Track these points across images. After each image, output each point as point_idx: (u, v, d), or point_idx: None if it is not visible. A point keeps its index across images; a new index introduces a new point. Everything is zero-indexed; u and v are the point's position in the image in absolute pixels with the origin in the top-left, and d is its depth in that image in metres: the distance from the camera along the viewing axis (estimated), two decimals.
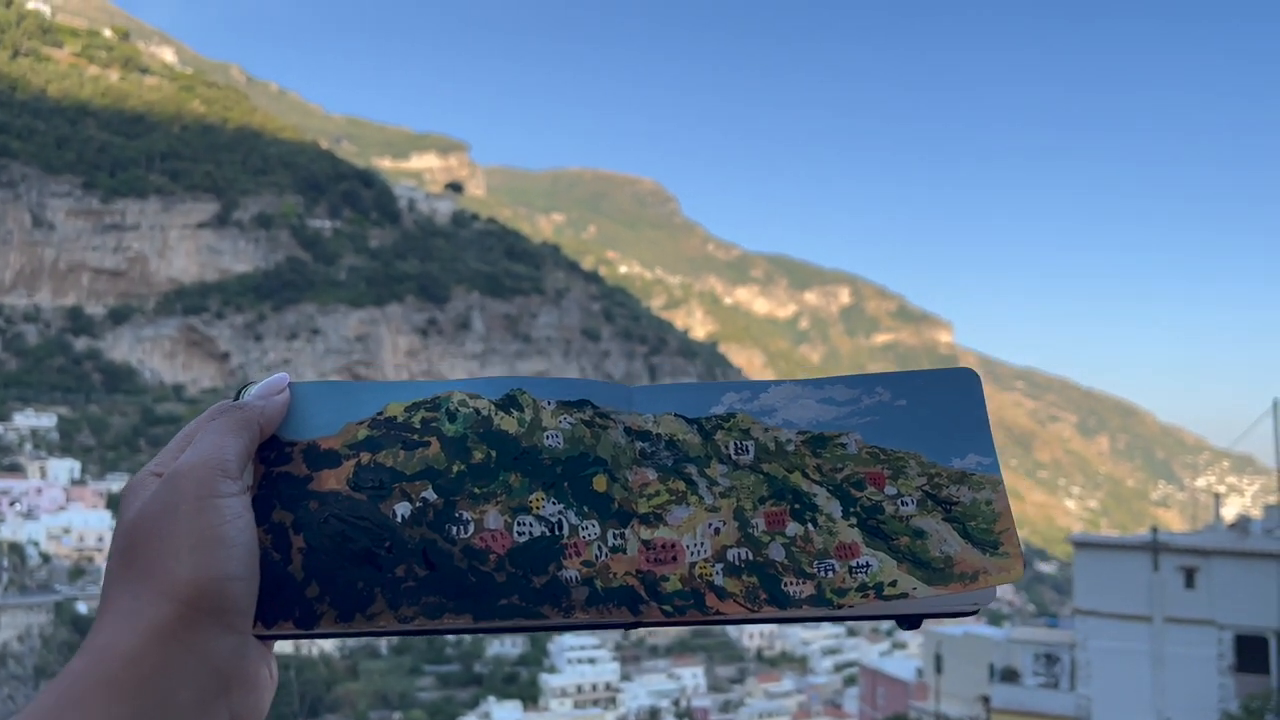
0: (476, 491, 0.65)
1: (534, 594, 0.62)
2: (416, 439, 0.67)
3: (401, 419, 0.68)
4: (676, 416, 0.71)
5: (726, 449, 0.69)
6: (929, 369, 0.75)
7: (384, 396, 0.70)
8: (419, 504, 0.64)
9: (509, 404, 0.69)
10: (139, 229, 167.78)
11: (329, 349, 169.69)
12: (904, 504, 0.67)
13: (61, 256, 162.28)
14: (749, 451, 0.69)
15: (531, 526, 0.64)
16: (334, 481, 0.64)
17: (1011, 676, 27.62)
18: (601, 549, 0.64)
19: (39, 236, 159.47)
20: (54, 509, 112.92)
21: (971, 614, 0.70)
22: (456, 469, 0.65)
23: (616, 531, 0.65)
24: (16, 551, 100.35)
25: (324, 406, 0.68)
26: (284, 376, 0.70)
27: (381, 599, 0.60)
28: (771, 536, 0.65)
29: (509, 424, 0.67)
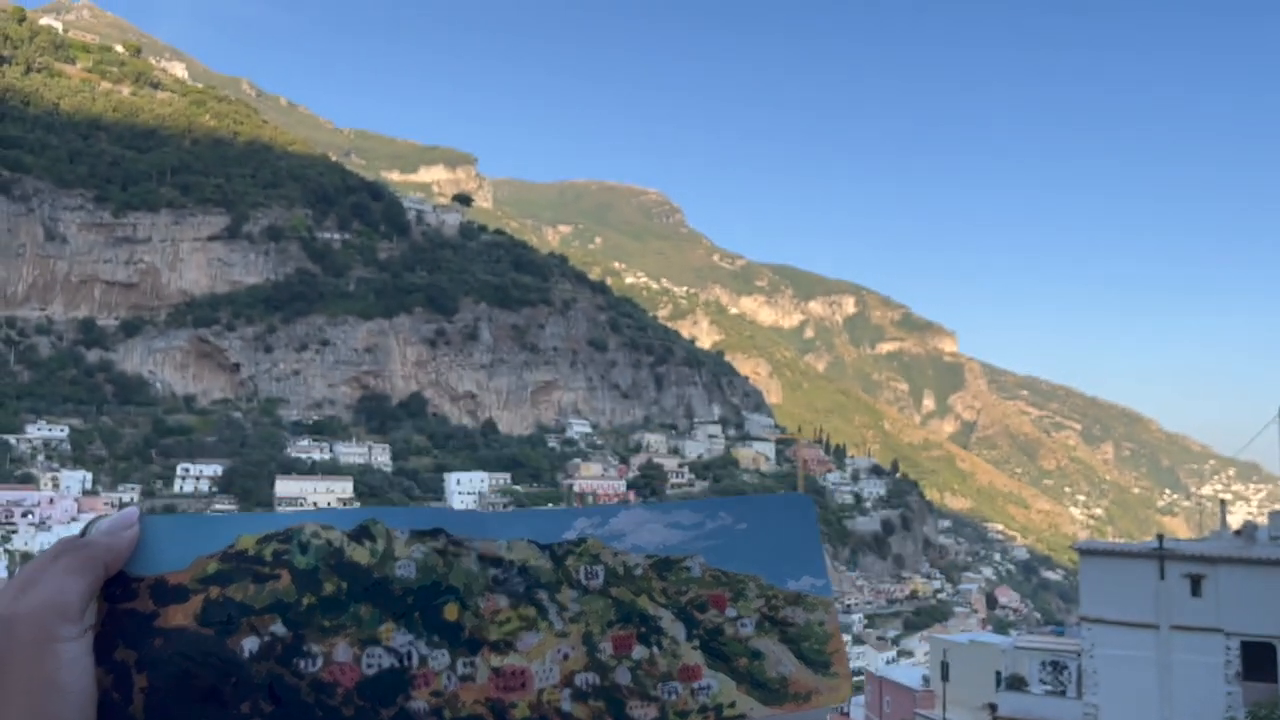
0: (326, 624, 0.65)
1: None
2: (267, 572, 0.67)
3: (253, 552, 0.67)
4: (529, 542, 0.72)
5: (577, 574, 0.71)
6: (767, 495, 0.79)
7: (236, 529, 0.69)
8: (267, 638, 0.63)
9: (361, 535, 0.70)
10: (150, 242, 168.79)
11: (338, 360, 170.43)
12: (743, 626, 0.70)
13: (74, 269, 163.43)
14: (599, 576, 0.71)
15: (381, 658, 0.65)
16: (181, 617, 0.63)
17: (1018, 684, 27.48)
18: (451, 678, 0.65)
19: (52, 250, 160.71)
20: (66, 520, 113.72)
21: None
22: (307, 602, 0.66)
23: (466, 660, 0.66)
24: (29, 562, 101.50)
25: (174, 540, 0.67)
26: (134, 511, 0.69)
27: None
28: (618, 660, 0.68)
29: (361, 555, 0.68)
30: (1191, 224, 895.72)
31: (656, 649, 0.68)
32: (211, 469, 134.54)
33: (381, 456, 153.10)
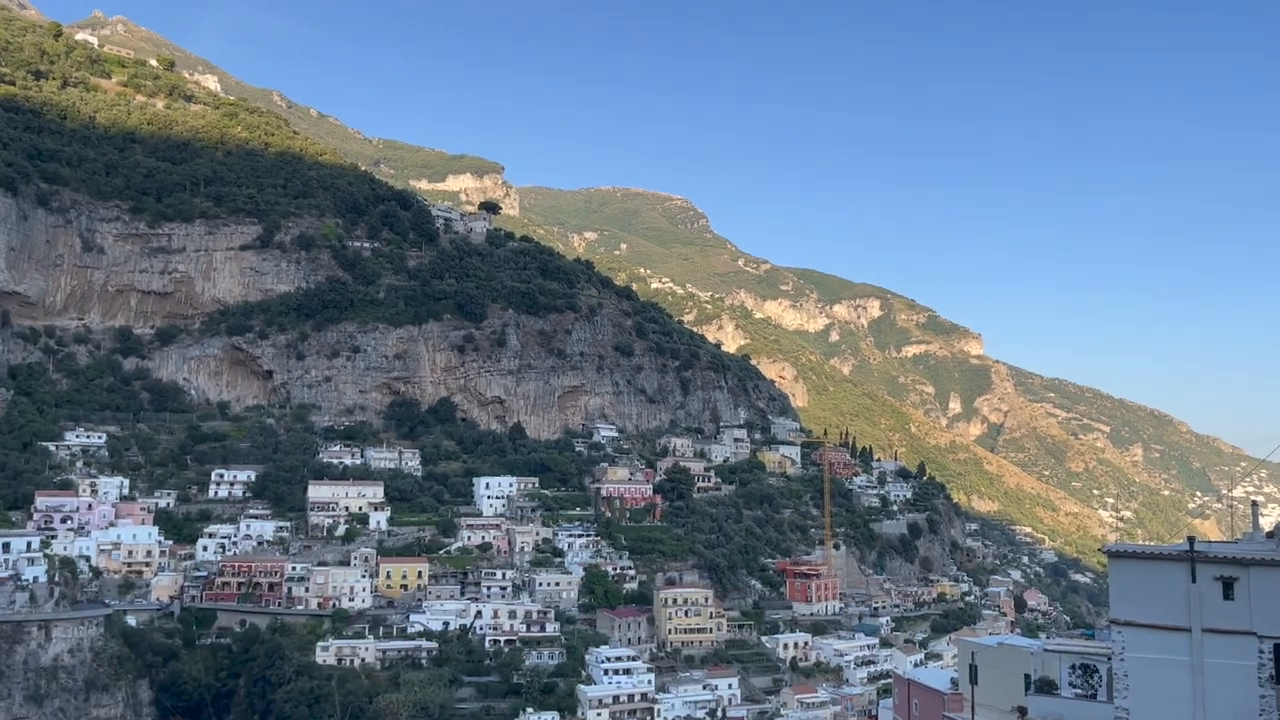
0: None
1: None
2: None
3: None
4: None
5: None
6: None
7: None
8: None
9: None
10: (185, 251, 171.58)
11: (369, 366, 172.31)
12: None
13: (110, 279, 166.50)
14: None
15: None
16: None
17: (1048, 687, 27.35)
18: None
19: (89, 260, 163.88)
20: (104, 525, 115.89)
21: None
22: None
23: None
24: (68, 566, 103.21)
25: None
26: None
27: None
28: None
29: None
30: (1222, 226, 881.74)
31: None
32: (245, 474, 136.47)
33: (411, 461, 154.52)
